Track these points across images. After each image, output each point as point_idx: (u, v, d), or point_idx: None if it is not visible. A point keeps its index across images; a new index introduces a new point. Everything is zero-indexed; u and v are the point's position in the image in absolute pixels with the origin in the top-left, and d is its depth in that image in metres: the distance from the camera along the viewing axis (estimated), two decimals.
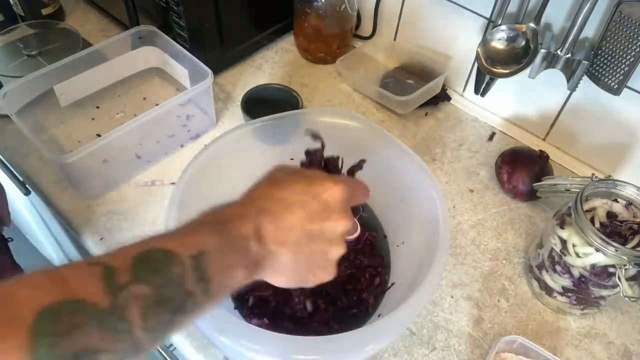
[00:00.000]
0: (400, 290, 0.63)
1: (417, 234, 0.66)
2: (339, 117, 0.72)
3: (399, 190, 0.70)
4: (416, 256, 0.63)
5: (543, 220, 0.80)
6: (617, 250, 0.58)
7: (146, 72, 0.93)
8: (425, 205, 0.62)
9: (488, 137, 0.92)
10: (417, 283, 0.54)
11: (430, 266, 0.55)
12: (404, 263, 0.67)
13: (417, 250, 0.64)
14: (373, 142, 0.70)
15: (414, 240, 0.67)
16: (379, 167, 0.71)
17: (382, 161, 0.70)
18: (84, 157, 0.71)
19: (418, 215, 0.65)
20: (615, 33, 0.68)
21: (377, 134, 0.70)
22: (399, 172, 0.68)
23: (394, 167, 0.68)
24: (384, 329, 0.53)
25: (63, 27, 0.99)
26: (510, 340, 0.64)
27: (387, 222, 0.73)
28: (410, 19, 0.98)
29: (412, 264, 0.63)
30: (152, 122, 0.77)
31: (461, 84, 0.97)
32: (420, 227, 0.64)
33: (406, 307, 0.52)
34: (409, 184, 0.67)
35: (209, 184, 0.65)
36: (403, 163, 0.67)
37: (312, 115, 0.77)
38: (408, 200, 0.68)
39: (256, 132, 0.70)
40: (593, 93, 0.76)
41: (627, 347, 0.68)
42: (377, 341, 0.53)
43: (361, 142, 0.71)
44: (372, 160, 0.71)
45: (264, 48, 1.05)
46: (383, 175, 0.71)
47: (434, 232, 0.59)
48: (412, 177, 0.65)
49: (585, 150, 0.86)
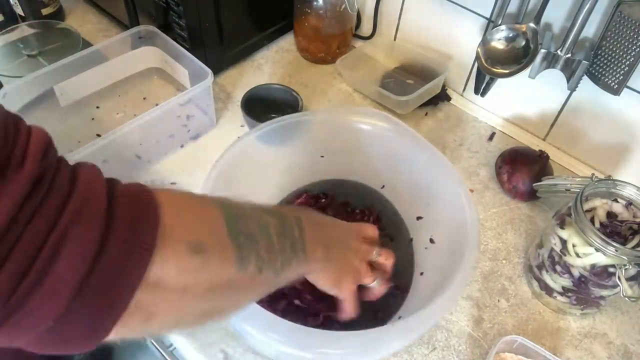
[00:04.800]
0: (425, 293, 0.63)
1: (443, 237, 0.66)
2: (361, 116, 0.73)
3: (425, 192, 0.70)
4: (442, 258, 0.63)
5: (543, 220, 0.80)
6: (617, 250, 0.58)
7: (146, 72, 0.93)
8: (450, 208, 0.63)
9: (488, 137, 0.92)
10: (444, 284, 0.55)
11: (459, 265, 0.55)
12: (430, 265, 0.67)
13: (443, 252, 0.64)
14: (402, 143, 0.71)
15: (440, 243, 0.67)
16: (405, 169, 0.72)
17: (408, 162, 0.71)
18: (84, 157, 0.71)
19: (444, 218, 0.65)
20: (615, 33, 0.68)
21: (405, 135, 0.70)
22: (426, 174, 0.69)
23: (420, 169, 0.69)
24: (408, 328, 0.53)
25: (63, 27, 0.99)
26: (510, 340, 0.64)
27: (412, 225, 0.74)
28: (410, 19, 0.98)
29: (438, 265, 0.63)
30: (152, 122, 0.77)
31: (461, 84, 0.97)
32: (447, 230, 0.64)
33: (434, 306, 0.53)
34: (436, 187, 0.67)
35: (232, 182, 0.66)
36: (429, 165, 0.68)
37: (332, 114, 0.78)
38: (434, 203, 0.69)
39: (275, 131, 0.70)
40: (593, 93, 0.76)
41: (627, 347, 0.68)
42: (401, 339, 0.54)
43: (390, 143, 0.72)
44: (400, 162, 0.72)
45: (264, 48, 1.05)
46: (409, 177, 0.72)
47: (460, 234, 0.59)
48: (439, 179, 0.66)
49: (585, 150, 0.86)
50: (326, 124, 0.74)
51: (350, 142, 0.74)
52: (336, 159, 0.77)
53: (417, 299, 0.64)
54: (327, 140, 0.75)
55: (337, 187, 0.78)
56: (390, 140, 0.71)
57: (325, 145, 0.76)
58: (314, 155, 0.76)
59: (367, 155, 0.74)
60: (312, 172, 0.78)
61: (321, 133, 0.74)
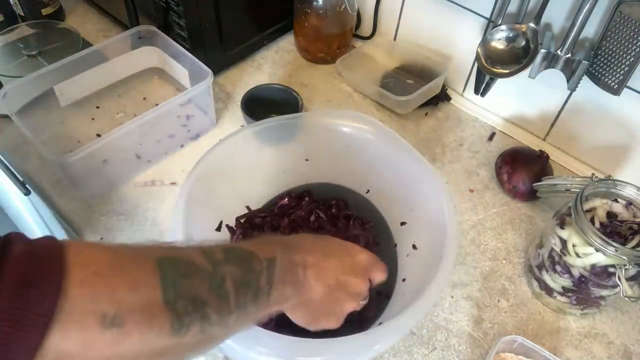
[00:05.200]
0: (405, 299, 0.62)
1: (425, 243, 0.66)
2: (347, 119, 0.72)
3: (410, 198, 0.70)
4: (423, 264, 0.63)
5: (543, 220, 0.80)
6: (617, 250, 0.58)
7: (146, 72, 0.93)
8: (434, 215, 0.62)
9: (488, 137, 0.92)
10: (422, 290, 0.54)
11: (436, 273, 0.55)
12: (412, 271, 0.67)
13: (424, 258, 0.64)
14: (385, 145, 0.70)
15: (423, 249, 0.67)
16: (390, 174, 0.71)
17: (393, 167, 0.70)
18: (84, 157, 0.71)
19: (427, 224, 0.65)
20: (615, 33, 0.68)
21: (387, 137, 0.70)
22: (410, 179, 0.68)
23: (405, 174, 0.69)
24: (385, 333, 0.53)
25: (63, 27, 0.99)
26: (510, 340, 0.64)
27: (397, 230, 0.73)
28: (410, 19, 0.98)
29: (419, 271, 0.63)
30: (152, 122, 0.77)
31: (461, 84, 0.97)
32: (429, 236, 0.64)
33: (408, 313, 0.52)
34: (420, 193, 0.67)
35: (215, 184, 0.66)
36: (414, 170, 0.67)
37: (317, 118, 0.77)
38: (418, 209, 0.68)
39: (260, 133, 0.70)
40: (593, 93, 0.76)
41: (627, 347, 0.68)
42: (379, 344, 0.53)
43: (373, 147, 0.71)
44: (385, 167, 0.71)
45: (264, 48, 1.05)
46: (395, 182, 0.71)
47: (441, 240, 0.59)
48: (422, 184, 0.66)
49: (585, 150, 0.86)
50: (311, 127, 0.74)
51: (334, 146, 0.73)
52: (321, 162, 0.76)
53: (398, 305, 0.63)
54: (312, 144, 0.74)
55: (322, 191, 0.77)
56: (372, 143, 0.71)
57: (310, 149, 0.75)
58: (298, 158, 0.76)
59: (352, 159, 0.74)
60: (296, 175, 0.77)
61: (306, 136, 0.74)
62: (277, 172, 0.76)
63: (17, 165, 0.85)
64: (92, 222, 0.76)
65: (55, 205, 0.79)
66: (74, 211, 0.78)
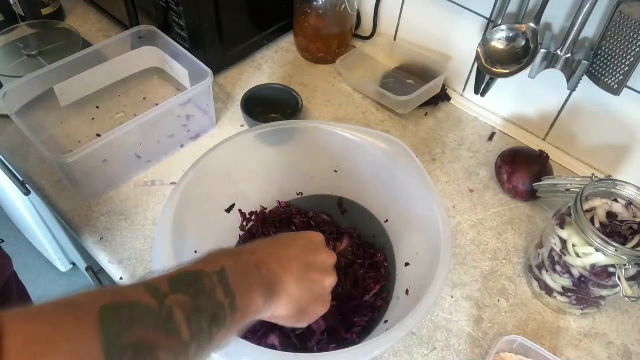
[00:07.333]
0: (401, 310, 0.62)
1: (422, 254, 0.65)
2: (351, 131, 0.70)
3: (407, 211, 0.69)
4: (420, 275, 0.62)
5: (543, 220, 0.80)
6: (617, 250, 0.58)
7: (146, 72, 0.93)
8: (430, 227, 0.61)
9: (488, 137, 0.92)
10: (414, 306, 0.53)
11: (429, 289, 0.54)
12: (409, 283, 0.66)
13: (421, 270, 0.63)
14: (393, 159, 0.68)
15: (420, 260, 0.66)
16: (390, 187, 0.70)
17: (391, 182, 0.69)
18: (84, 157, 0.71)
19: (424, 236, 0.64)
20: (615, 33, 0.68)
21: (397, 150, 0.68)
22: (407, 192, 0.67)
23: (404, 190, 0.68)
24: (370, 348, 0.52)
25: (63, 27, 0.99)
26: (510, 340, 0.64)
27: (397, 244, 0.72)
28: (410, 19, 0.98)
29: (415, 284, 0.62)
30: (152, 122, 0.77)
31: (461, 84, 0.97)
32: (425, 248, 0.63)
33: (394, 331, 0.51)
34: (417, 206, 0.66)
35: (208, 186, 0.65)
36: (414, 187, 0.66)
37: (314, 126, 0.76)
38: (414, 220, 0.68)
39: (259, 135, 0.70)
40: (593, 93, 0.76)
41: (627, 347, 0.68)
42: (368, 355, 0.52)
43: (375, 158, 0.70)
44: (385, 181, 0.70)
45: (264, 48, 1.05)
46: (395, 196, 0.70)
47: (437, 254, 0.58)
48: (420, 199, 0.65)
49: (585, 150, 0.86)
50: (312, 135, 0.72)
51: (335, 157, 0.72)
52: (317, 174, 0.75)
53: (394, 319, 0.62)
54: (309, 154, 0.73)
55: (317, 204, 0.77)
56: (381, 160, 0.69)
57: (309, 159, 0.74)
58: (285, 158, 0.75)
59: (355, 171, 0.73)
60: (291, 185, 0.77)
61: (295, 137, 0.73)
62: (271, 181, 0.75)
63: (17, 165, 0.85)
64: (92, 222, 0.76)
65: (55, 205, 0.79)
66: (74, 211, 0.78)
